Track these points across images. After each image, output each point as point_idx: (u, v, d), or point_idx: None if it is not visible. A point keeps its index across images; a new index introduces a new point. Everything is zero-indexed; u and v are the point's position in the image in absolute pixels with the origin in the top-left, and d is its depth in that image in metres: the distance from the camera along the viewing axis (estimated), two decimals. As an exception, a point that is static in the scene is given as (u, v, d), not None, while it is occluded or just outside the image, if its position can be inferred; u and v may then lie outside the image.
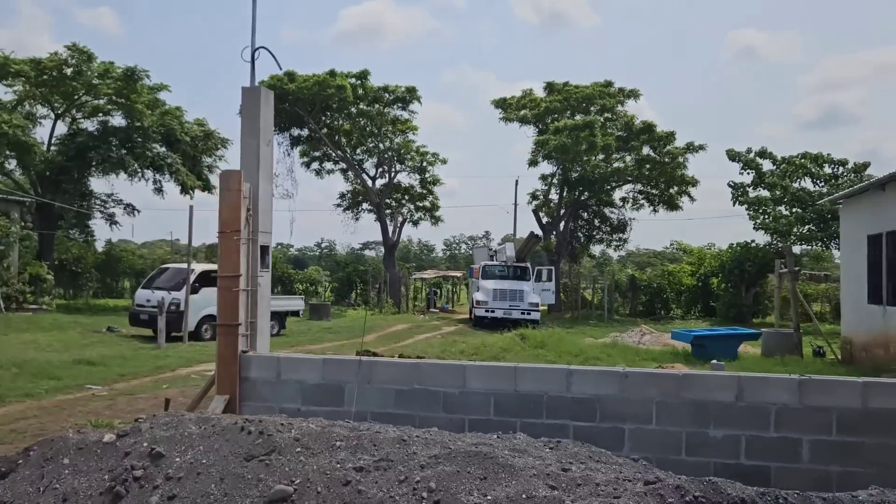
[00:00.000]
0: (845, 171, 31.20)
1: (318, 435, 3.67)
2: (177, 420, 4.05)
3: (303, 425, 3.83)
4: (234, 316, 7.33)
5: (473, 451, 3.54)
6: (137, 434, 3.80)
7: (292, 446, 3.50)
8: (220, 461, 3.43)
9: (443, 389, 6.84)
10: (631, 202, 40.76)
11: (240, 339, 7.35)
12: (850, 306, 17.21)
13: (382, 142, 41.63)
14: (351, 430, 3.88)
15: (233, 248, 7.32)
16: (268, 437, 3.57)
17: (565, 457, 4.04)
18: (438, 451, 3.51)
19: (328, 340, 21.93)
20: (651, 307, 37.79)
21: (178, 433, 3.78)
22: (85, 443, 3.71)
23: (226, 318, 7.35)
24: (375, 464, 3.33)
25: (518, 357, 16.09)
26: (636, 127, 34.58)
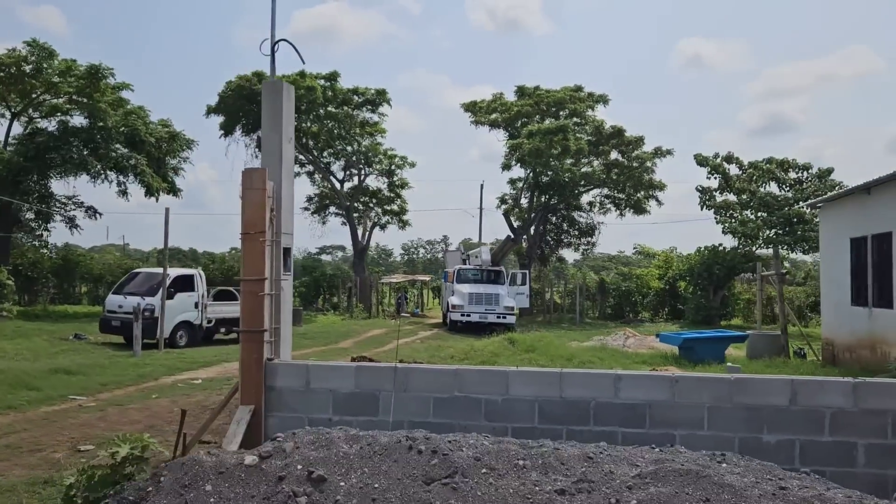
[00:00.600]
0: (809, 176, 31.91)
1: (496, 453, 3.38)
2: (323, 438, 3.71)
3: (470, 441, 3.54)
4: (259, 322, 6.96)
5: (684, 470, 3.30)
6: (283, 455, 3.45)
7: (475, 467, 3.20)
8: (395, 485, 3.11)
9: (484, 397, 6.59)
10: (598, 206, 41.11)
11: (265, 347, 6.98)
12: (832, 308, 17.47)
13: (350, 144, 41.16)
14: (523, 447, 3.60)
15: (257, 250, 6.96)
16: (443, 457, 3.27)
17: (761, 473, 3.77)
18: (640, 469, 3.26)
19: (306, 346, 21.42)
20: (620, 310, 38.08)
21: (332, 453, 3.44)
22: (224, 466, 3.35)
23: (250, 324, 6.98)
24: (575, 486, 3.06)
25: (510, 361, 15.89)
26: (606, 131, 34.83)
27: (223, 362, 17.08)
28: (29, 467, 7.41)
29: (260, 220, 6.96)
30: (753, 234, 31.55)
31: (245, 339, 7.01)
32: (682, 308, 37.45)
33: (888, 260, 14.33)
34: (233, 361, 17.22)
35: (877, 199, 14.82)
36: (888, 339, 14.21)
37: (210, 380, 14.11)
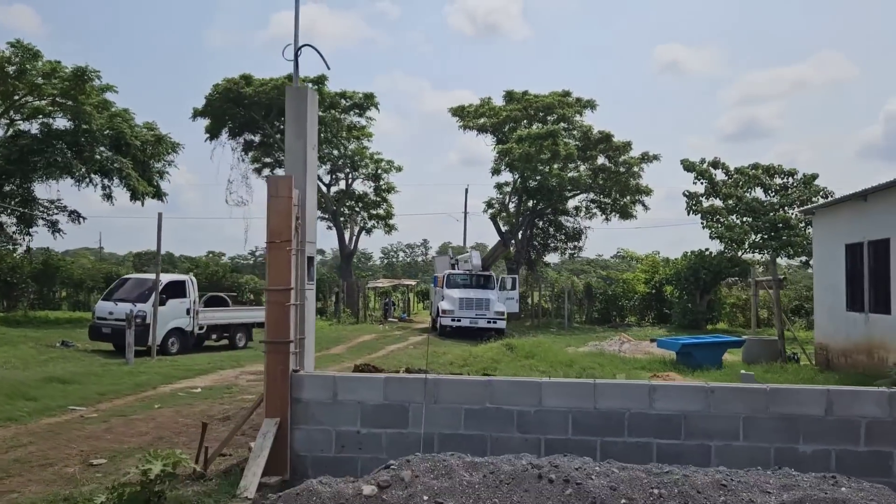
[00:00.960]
0: (795, 182, 32.27)
1: (629, 481, 3.29)
2: (441, 465, 3.60)
3: (596, 468, 3.44)
4: (285, 333, 6.84)
5: (829, 499, 3.23)
6: (402, 484, 3.34)
7: (613, 497, 3.10)
8: (535, 517, 3.02)
9: (517, 408, 6.52)
10: (584, 211, 41.26)
11: (290, 358, 6.86)
12: (826, 314, 17.65)
13: (337, 148, 40.96)
14: (651, 474, 3.52)
15: (283, 259, 6.84)
16: (577, 486, 3.17)
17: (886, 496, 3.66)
18: (779, 498, 3.19)
19: (298, 352, 21.22)
20: (606, 314, 38.23)
21: (455, 483, 3.33)
22: (342, 497, 3.23)
23: (275, 335, 6.85)
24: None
25: (510, 368, 15.85)
26: (594, 137, 34.99)
27: (218, 370, 16.87)
28: (44, 483, 7.21)
29: (286, 229, 6.85)
30: (739, 238, 31.82)
31: (270, 350, 6.88)
32: (668, 312, 37.71)
33: (885, 266, 14.49)
34: (228, 369, 17.02)
35: (874, 206, 14.99)
36: (886, 344, 14.36)
37: (209, 388, 13.90)
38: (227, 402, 12.36)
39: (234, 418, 10.76)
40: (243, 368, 17.27)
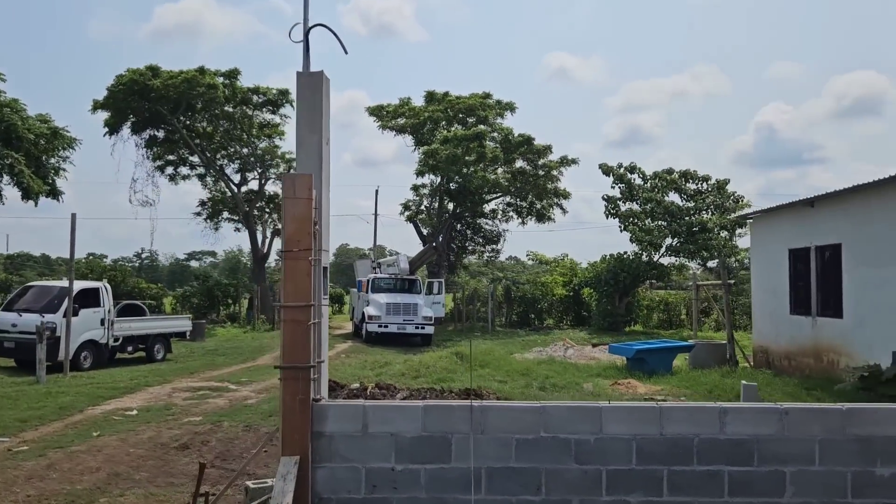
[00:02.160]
0: (708, 187, 33.33)
1: None
2: None
3: None
4: (304, 356, 5.89)
5: None
6: None
7: None
8: None
9: (574, 436, 5.85)
10: (501, 214, 41.25)
11: (311, 385, 5.91)
12: (767, 317, 18.02)
13: (247, 146, 39.11)
14: None
15: (302, 271, 5.90)
16: None
17: None
18: None
19: (223, 365, 19.80)
20: (525, 317, 38.26)
21: None
22: None
23: (293, 359, 5.89)
24: None
25: (465, 378, 15.19)
26: (515, 140, 34.91)
27: (145, 387, 15.34)
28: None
29: (305, 236, 5.90)
30: (657, 242, 32.56)
31: (287, 376, 5.90)
32: (586, 315, 38.17)
33: (835, 271, 14.84)
34: (155, 386, 15.52)
35: (822, 212, 15.34)
36: (836, 348, 14.70)
37: (146, 410, 12.47)
38: (173, 426, 11.05)
39: (192, 446, 9.57)
40: (172, 385, 15.77)
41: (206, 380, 16.69)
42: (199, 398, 13.90)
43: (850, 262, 14.26)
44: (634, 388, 14.41)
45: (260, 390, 15.06)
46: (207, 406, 12.98)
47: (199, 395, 14.21)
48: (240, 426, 10.96)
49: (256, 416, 11.87)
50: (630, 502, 5.90)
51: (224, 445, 9.66)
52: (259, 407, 12.78)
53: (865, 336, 13.59)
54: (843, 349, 14.44)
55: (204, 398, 13.89)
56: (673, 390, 14.19)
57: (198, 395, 14.32)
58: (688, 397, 13.52)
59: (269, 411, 12.25)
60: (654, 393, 14.03)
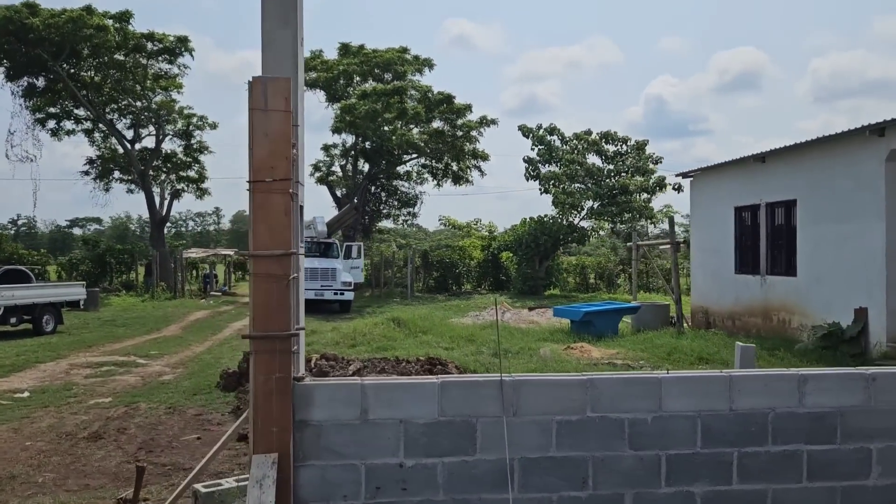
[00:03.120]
0: (628, 148, 33.08)
1: None
2: None
3: None
4: (283, 321, 4.45)
5: None
6: None
7: None
8: None
9: (628, 415, 4.70)
10: (416, 175, 39.90)
11: (292, 360, 4.49)
12: (708, 277, 17.64)
13: (140, 100, 35.82)
14: None
15: (278, 207, 4.44)
16: None
17: None
18: None
19: (125, 337, 17.71)
20: (444, 282, 37.27)
21: None
22: None
23: (268, 325, 4.44)
24: None
25: (405, 345, 13.94)
26: (435, 97, 33.44)
27: (35, 364, 13.26)
28: None
29: (282, 161, 4.42)
30: (579, 204, 32.14)
31: (260, 349, 4.45)
32: (504, 279, 37.58)
33: (789, 228, 14.44)
34: (48, 362, 13.46)
35: (774, 168, 14.88)
36: (788, 306, 14.36)
37: (40, 391, 10.53)
38: (77, 410, 9.25)
39: (106, 436, 7.88)
40: (68, 360, 13.71)
41: (108, 354, 14.67)
42: (104, 375, 12.00)
43: (805, 218, 13.86)
44: (588, 352, 13.57)
45: (175, 364, 13.26)
46: (115, 384, 11.15)
47: (103, 372, 12.29)
48: (161, 408, 9.29)
49: (178, 395, 10.19)
50: (694, 493, 4.83)
51: (146, 433, 8.01)
52: (179, 384, 11.07)
53: (823, 294, 13.24)
54: (796, 308, 14.09)
55: (109, 375, 12.01)
56: (629, 354, 13.44)
57: (101, 371, 12.39)
58: (647, 361, 12.78)
59: (192, 389, 10.59)
60: (610, 357, 13.23)
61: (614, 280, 38.27)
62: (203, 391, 10.44)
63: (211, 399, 9.85)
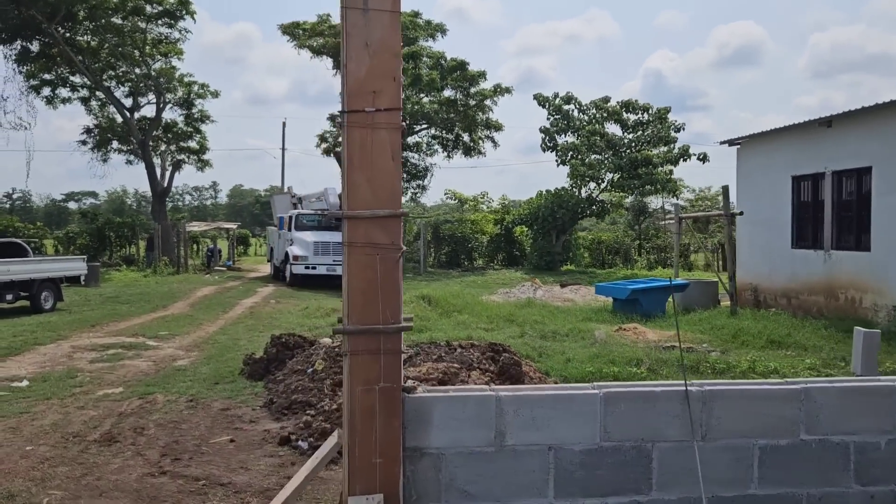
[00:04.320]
0: (650, 117, 31.63)
1: None
2: None
3: None
4: (391, 309, 3.20)
5: None
6: None
7: None
8: None
9: (854, 438, 3.47)
10: (425, 147, 38.44)
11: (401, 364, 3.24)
12: (757, 252, 16.39)
13: (139, 66, 34.21)
14: None
15: (383, 149, 3.17)
16: None
17: None
18: None
19: (130, 315, 16.45)
20: (455, 257, 36.00)
21: None
22: None
23: (367, 317, 3.19)
24: None
25: (443, 327, 12.71)
26: (448, 64, 31.90)
27: (35, 346, 12.01)
28: None
29: (389, 84, 3.14)
30: (600, 176, 30.79)
31: (358, 347, 3.19)
32: (518, 254, 36.34)
33: (861, 198, 13.16)
34: (48, 344, 12.22)
35: (843, 133, 13.56)
36: (859, 283, 13.13)
37: (41, 379, 9.28)
38: (85, 403, 8.00)
39: (121, 437, 6.65)
40: (70, 342, 12.46)
41: (114, 334, 13.41)
42: (112, 360, 10.74)
43: (882, 187, 12.57)
44: (643, 333, 12.35)
45: (188, 346, 12.02)
46: (125, 371, 9.90)
47: (110, 356, 11.04)
48: (181, 401, 8.04)
49: (197, 384, 8.95)
50: (941, 544, 3.59)
51: (168, 434, 6.78)
52: (196, 370, 9.83)
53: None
54: (869, 285, 12.86)
55: (117, 360, 10.76)
56: (687, 336, 12.23)
57: (108, 355, 11.14)
58: (711, 344, 11.57)
59: (213, 376, 9.36)
60: (668, 339, 12.02)
61: (631, 256, 37.07)
62: (225, 379, 9.20)
63: (237, 389, 8.61)
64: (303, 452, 6.22)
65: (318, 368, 8.19)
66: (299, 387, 7.93)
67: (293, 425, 6.96)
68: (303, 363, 8.69)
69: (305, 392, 7.77)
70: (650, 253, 37.98)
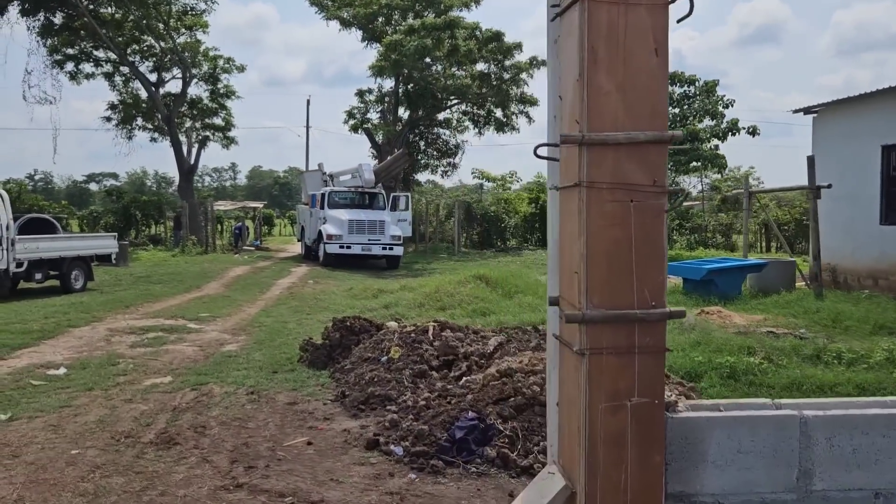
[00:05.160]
0: (696, 90, 30.21)
1: None
2: None
3: None
4: (656, 285, 2.08)
5: None
6: None
7: None
8: None
9: None
10: (455, 123, 37.18)
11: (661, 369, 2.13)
12: (837, 229, 15.13)
13: (164, 40, 33.24)
14: None
15: (640, 39, 2.03)
16: None
17: None
18: None
19: (165, 296, 15.56)
20: (488, 237, 34.90)
21: None
22: None
23: (617, 295, 2.08)
24: None
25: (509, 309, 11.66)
26: (484, 35, 30.56)
27: (68, 328, 11.11)
28: None
29: None
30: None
31: (600, 341, 2.08)
32: (553, 234, 35.18)
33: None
34: (82, 326, 11.34)
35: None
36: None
37: (80, 366, 8.35)
38: (132, 395, 7.04)
39: (180, 438, 5.67)
40: (105, 324, 11.55)
41: (151, 316, 12.49)
42: (154, 344, 9.81)
43: None
44: (729, 317, 11.21)
45: (233, 330, 11.07)
46: (171, 357, 8.95)
47: (151, 340, 10.11)
48: (240, 393, 7.07)
49: (254, 372, 7.97)
50: None
51: (234, 434, 5.79)
52: (249, 357, 8.86)
53: None
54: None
55: (160, 344, 9.82)
56: (780, 320, 11.08)
57: (149, 339, 10.21)
58: (809, 329, 10.42)
59: (268, 364, 8.39)
60: (758, 324, 10.88)
61: (670, 236, 35.76)
62: (284, 367, 8.22)
63: (299, 380, 7.62)
64: (398, 459, 5.21)
65: (393, 356, 7.17)
66: (374, 378, 6.93)
67: (375, 424, 5.96)
68: (372, 350, 7.68)
69: (382, 384, 6.77)
70: (689, 233, 36.65)
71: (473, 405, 5.52)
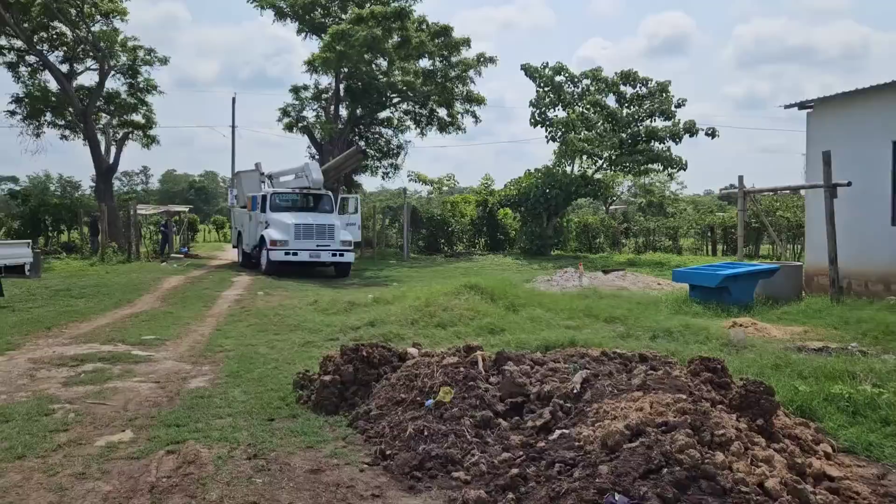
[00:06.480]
0: (649, 90, 29.47)
1: None
2: None
3: None
4: None
5: None
6: None
7: None
8: None
9: None
10: (396, 122, 35.48)
11: None
12: (841, 231, 14.12)
13: (77, 28, 30.16)
14: None
15: None
16: None
17: None
18: None
19: (91, 313, 13.26)
20: (434, 242, 33.28)
21: None
22: None
23: None
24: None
25: (521, 324, 10.07)
26: (431, 29, 28.92)
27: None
28: None
29: None
30: (599, 153, 28.50)
31: None
32: (501, 238, 33.91)
33: None
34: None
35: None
36: None
37: (1, 418, 6.21)
38: (85, 465, 5.05)
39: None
40: (26, 353, 9.33)
41: (82, 340, 10.26)
42: (95, 380, 7.70)
43: None
44: (766, 330, 9.97)
45: (191, 357, 9.04)
46: (123, 399, 6.91)
47: (90, 375, 7.99)
48: (237, 454, 5.18)
49: (242, 419, 6.09)
50: None
51: None
52: (227, 397, 6.90)
53: None
54: None
55: (103, 380, 7.72)
56: (822, 332, 9.91)
57: (87, 372, 8.08)
58: (861, 343, 9.26)
59: (257, 408, 6.50)
60: (801, 337, 9.66)
61: (619, 239, 35.07)
62: (279, 412, 6.36)
63: (310, 431, 5.77)
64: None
65: (445, 399, 5.43)
66: (422, 429, 5.18)
67: (447, 501, 4.24)
68: (405, 389, 5.92)
69: (438, 439, 5.04)
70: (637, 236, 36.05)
71: (616, 481, 3.85)
